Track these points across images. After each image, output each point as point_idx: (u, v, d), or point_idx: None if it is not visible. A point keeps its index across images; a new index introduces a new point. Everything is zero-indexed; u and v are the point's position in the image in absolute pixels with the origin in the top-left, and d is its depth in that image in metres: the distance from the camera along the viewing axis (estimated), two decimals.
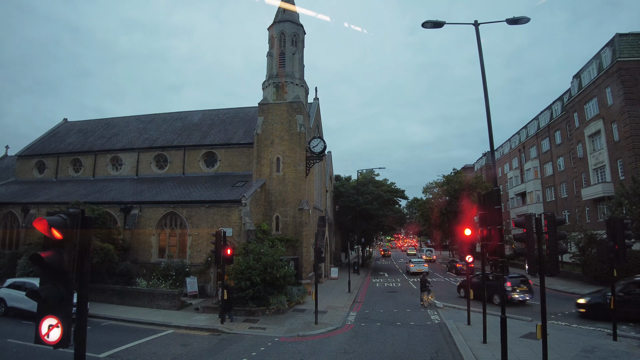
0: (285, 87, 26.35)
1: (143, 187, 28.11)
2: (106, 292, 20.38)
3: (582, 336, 13.02)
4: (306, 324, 15.96)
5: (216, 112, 35.11)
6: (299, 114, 25.83)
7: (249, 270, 17.15)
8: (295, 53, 27.71)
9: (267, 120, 26.15)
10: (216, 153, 29.33)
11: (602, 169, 31.96)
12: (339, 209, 45.61)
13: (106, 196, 27.27)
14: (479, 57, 11.70)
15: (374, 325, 15.61)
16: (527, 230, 8.94)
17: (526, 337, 12.84)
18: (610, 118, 30.76)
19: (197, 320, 16.74)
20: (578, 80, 35.84)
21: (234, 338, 14.11)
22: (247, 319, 16.72)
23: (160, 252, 24.23)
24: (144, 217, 24.53)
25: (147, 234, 24.25)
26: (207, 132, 31.64)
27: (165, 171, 30.72)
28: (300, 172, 25.21)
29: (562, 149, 40.56)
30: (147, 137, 33.46)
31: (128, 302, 19.77)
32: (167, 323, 16.22)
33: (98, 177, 32.59)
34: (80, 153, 34.21)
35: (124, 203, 25.24)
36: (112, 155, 32.89)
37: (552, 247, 8.93)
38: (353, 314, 18.24)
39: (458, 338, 12.76)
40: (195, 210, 23.28)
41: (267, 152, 25.72)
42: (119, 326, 15.98)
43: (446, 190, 50.09)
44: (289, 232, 24.59)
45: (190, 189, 26.09)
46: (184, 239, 23.52)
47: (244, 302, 17.47)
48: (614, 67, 30.03)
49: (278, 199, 25.13)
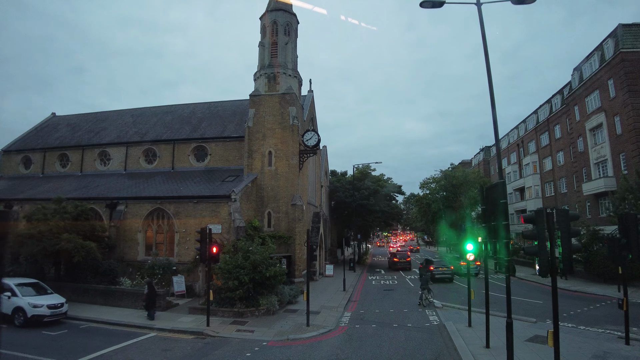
0: (278, 77, 25.33)
1: (131, 183, 27.10)
2: (89, 292, 19.41)
3: (592, 339, 12.16)
4: (297, 326, 15.05)
5: (207, 105, 34.03)
6: (292, 106, 24.83)
7: (237, 270, 16.19)
8: (288, 43, 26.68)
9: (259, 112, 25.14)
10: (206, 147, 28.30)
11: (604, 163, 31.15)
12: (334, 205, 44.71)
13: (92, 192, 26.27)
14: (482, 39, 10.79)
15: (369, 327, 14.72)
16: (537, 227, 8.04)
17: (532, 340, 11.98)
18: (612, 111, 29.91)
19: (182, 322, 15.81)
20: (579, 72, 34.96)
21: (219, 342, 13.20)
22: (236, 321, 15.79)
23: (148, 249, 23.27)
24: (130, 213, 23.55)
25: (134, 231, 23.27)
26: (197, 126, 30.59)
27: (154, 166, 29.68)
28: (293, 166, 24.25)
29: (561, 143, 39.74)
30: (136, 131, 32.38)
31: (112, 303, 18.82)
32: (149, 325, 15.29)
33: (86, 172, 31.52)
34: (68, 148, 33.12)
35: (109, 199, 24.25)
36: (100, 149, 31.83)
37: (565, 245, 8.04)
38: (347, 314, 17.35)
39: (459, 342, 11.89)
40: (183, 206, 22.30)
41: (258, 146, 24.73)
42: (98, 329, 15.04)
43: (443, 186, 49.27)
44: (281, 229, 23.66)
45: (179, 184, 25.10)
46: (172, 236, 22.55)
47: (232, 302, 16.55)
48: (616, 59, 29.15)
49: (270, 194, 24.17)
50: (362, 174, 45.18)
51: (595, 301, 19.18)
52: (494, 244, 10.15)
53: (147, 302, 16.13)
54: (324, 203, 38.86)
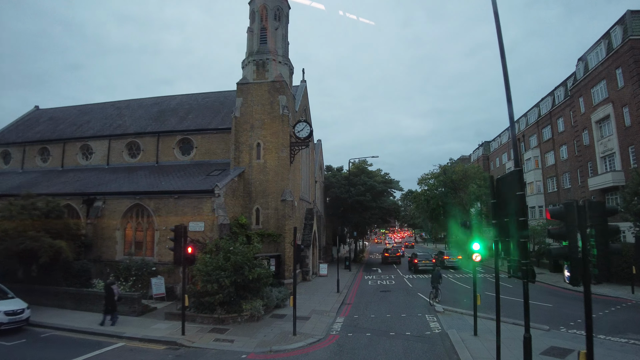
0: (267, 64, 23.69)
1: (111, 177, 25.46)
2: (59, 296, 17.80)
3: (617, 352, 10.68)
4: (283, 334, 13.51)
5: (195, 97, 32.37)
6: (282, 95, 23.19)
7: (217, 272, 14.61)
8: (278, 28, 25.02)
9: (247, 101, 23.50)
10: (192, 140, 26.65)
11: (611, 156, 29.68)
12: (330, 202, 43.13)
13: (70, 187, 24.64)
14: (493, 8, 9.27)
15: (363, 337, 13.18)
16: (567, 224, 6.50)
17: (548, 354, 10.47)
18: (620, 101, 28.41)
19: (157, 329, 14.26)
20: (584, 63, 33.44)
21: (193, 353, 11.66)
22: (215, 328, 14.24)
23: (127, 248, 21.69)
24: (108, 209, 21.95)
25: (112, 229, 21.67)
26: (184, 118, 28.93)
27: (137, 160, 28.03)
28: (283, 159, 22.65)
29: (565, 137, 38.26)
30: (120, 124, 30.71)
31: (83, 307, 17.20)
32: (119, 334, 13.71)
33: (67, 167, 29.87)
34: (49, 142, 31.42)
35: (86, 194, 22.64)
36: (82, 143, 30.15)
37: (600, 245, 6.51)
38: (340, 320, 15.80)
39: (465, 356, 10.37)
40: (164, 202, 20.69)
41: (246, 137, 23.10)
42: (61, 338, 13.45)
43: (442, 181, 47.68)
44: (270, 226, 22.07)
45: (162, 178, 23.48)
46: (152, 234, 20.96)
47: (212, 308, 14.97)
48: (625, 46, 27.63)
49: (258, 189, 22.57)
50: (359, 169, 43.61)
51: (610, 304, 17.73)
52: (506, 243, 8.67)
53: (106, 306, 14.62)
54: (318, 199, 37.29)
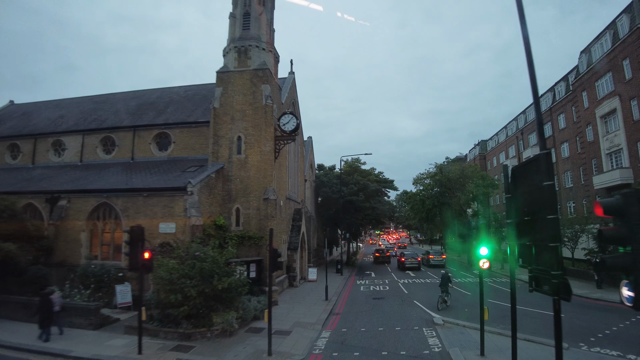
0: (250, 51, 21.72)
1: (82, 175, 23.43)
2: (9, 306, 15.70)
3: None
4: (257, 354, 11.53)
5: (176, 90, 30.31)
6: (266, 84, 21.21)
7: (182, 280, 12.62)
8: (262, 13, 23.07)
9: (227, 91, 21.49)
10: (170, 134, 24.61)
11: (618, 153, 28.01)
12: (321, 202, 41.21)
13: (34, 185, 22.58)
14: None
15: (349, 357, 11.23)
16: (630, 222, 4.59)
17: None
18: (628, 94, 26.73)
19: (110, 347, 12.27)
20: (587, 55, 31.81)
21: None
22: (179, 346, 12.25)
23: (95, 252, 19.67)
24: (73, 209, 19.90)
25: (77, 231, 19.60)
26: (162, 111, 26.87)
27: (112, 156, 25.96)
28: (266, 154, 20.67)
29: (567, 134, 36.62)
30: (95, 118, 28.62)
31: (37, 319, 15.13)
32: (64, 353, 11.72)
33: (38, 164, 27.78)
34: (19, 137, 29.26)
35: (49, 192, 20.56)
36: (55, 139, 28.04)
37: None
38: (326, 334, 13.83)
39: None
40: (132, 201, 18.64)
41: (226, 130, 21.09)
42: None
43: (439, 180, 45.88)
44: (252, 228, 20.06)
45: (134, 175, 21.46)
46: (120, 236, 18.90)
47: (178, 321, 12.98)
48: (633, 35, 25.95)
49: (239, 187, 20.56)
50: (351, 167, 41.73)
51: (628, 313, 15.84)
52: (526, 247, 6.78)
53: (41, 319, 12.62)
54: (308, 199, 35.34)
